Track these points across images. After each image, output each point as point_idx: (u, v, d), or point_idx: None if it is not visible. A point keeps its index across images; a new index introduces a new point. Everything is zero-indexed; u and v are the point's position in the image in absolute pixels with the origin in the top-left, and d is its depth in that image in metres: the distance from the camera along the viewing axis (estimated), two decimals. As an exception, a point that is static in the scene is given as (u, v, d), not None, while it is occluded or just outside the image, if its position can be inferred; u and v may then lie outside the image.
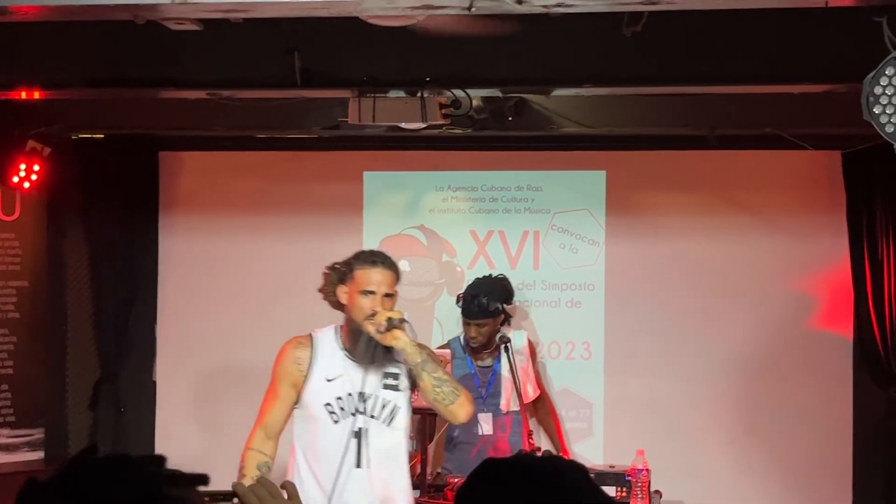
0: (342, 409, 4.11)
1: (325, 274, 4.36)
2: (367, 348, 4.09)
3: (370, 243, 6.77)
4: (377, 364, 4.11)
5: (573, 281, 6.68)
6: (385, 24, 4.23)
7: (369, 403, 4.11)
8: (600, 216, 6.65)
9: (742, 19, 4.54)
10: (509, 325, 6.04)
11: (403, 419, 4.17)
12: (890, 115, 3.12)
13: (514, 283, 6.33)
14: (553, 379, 6.59)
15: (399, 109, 4.91)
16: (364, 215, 6.80)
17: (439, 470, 5.77)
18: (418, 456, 5.36)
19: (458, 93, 5.01)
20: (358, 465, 4.08)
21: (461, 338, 6.06)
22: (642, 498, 5.06)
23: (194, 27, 4.06)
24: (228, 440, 6.64)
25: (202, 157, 6.91)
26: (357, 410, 4.10)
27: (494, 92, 5.33)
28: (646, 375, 6.56)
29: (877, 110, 3.15)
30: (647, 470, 5.10)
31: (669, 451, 6.26)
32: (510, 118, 5.76)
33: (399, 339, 4.01)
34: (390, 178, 6.83)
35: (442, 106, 5.08)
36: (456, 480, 5.31)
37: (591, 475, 1.75)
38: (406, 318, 4.05)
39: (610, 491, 5.09)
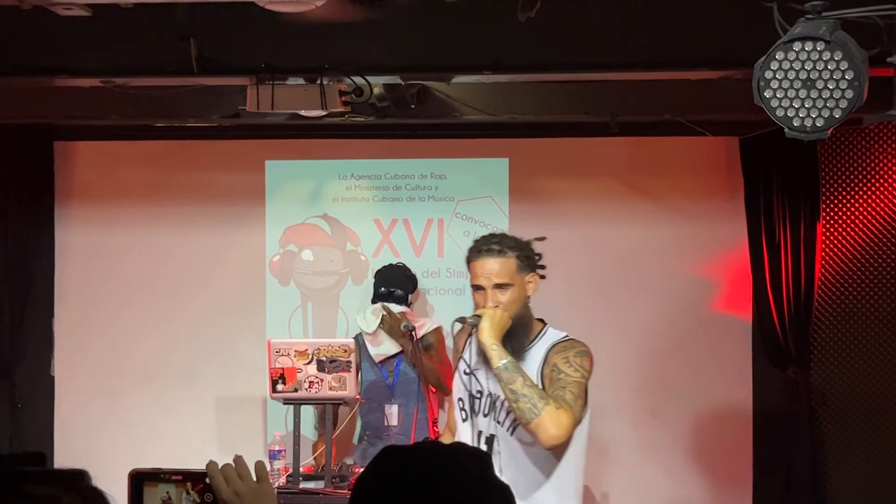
0: (471, 406, 3.78)
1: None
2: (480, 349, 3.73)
3: (273, 233, 6.72)
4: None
5: (478, 268, 6.68)
6: (283, 10, 4.18)
7: (497, 406, 3.74)
8: (504, 203, 6.66)
9: (638, 5, 4.58)
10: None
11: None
12: (780, 100, 3.16)
13: (418, 271, 6.34)
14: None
15: (298, 97, 4.85)
16: (266, 204, 6.73)
17: (349, 461, 5.74)
18: (322, 447, 5.33)
19: (359, 80, 4.98)
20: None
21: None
22: (547, 483, 5.08)
23: (83, 13, 3.95)
24: (129, 434, 6.58)
25: (98, 147, 6.77)
26: (484, 412, 3.76)
27: (395, 79, 5.30)
28: (550, 361, 6.59)
29: (767, 94, 3.19)
30: (550, 455, 5.11)
31: (574, 436, 6.30)
32: (412, 106, 5.74)
33: (479, 341, 3.64)
34: (293, 166, 6.77)
35: (343, 93, 5.04)
36: (360, 471, 5.29)
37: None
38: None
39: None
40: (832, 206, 6.43)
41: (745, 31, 4.19)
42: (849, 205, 6.44)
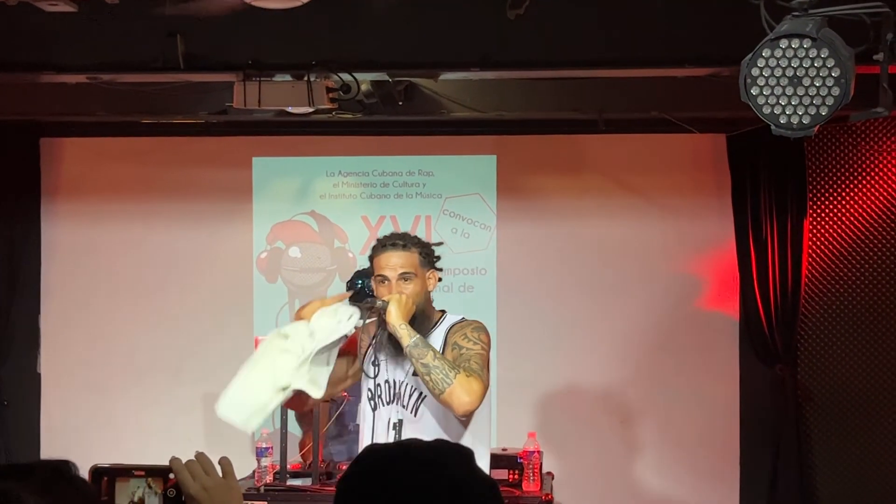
0: (380, 395, 3.94)
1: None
2: (389, 337, 3.88)
3: (261, 230, 6.71)
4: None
5: (465, 265, 6.69)
6: (269, 7, 4.17)
7: (402, 392, 3.90)
8: (491, 200, 6.66)
9: (626, 3, 4.58)
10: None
11: (434, 407, 3.84)
12: (767, 97, 3.16)
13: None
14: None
15: (285, 93, 4.84)
16: (254, 201, 6.72)
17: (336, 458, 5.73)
18: (309, 444, 5.32)
19: (346, 77, 4.97)
20: None
21: None
22: (534, 480, 5.09)
23: (69, 8, 3.94)
24: (115, 431, 6.56)
25: (85, 144, 6.75)
26: (390, 399, 3.92)
27: (383, 76, 5.30)
28: (537, 357, 6.60)
29: (754, 91, 3.19)
30: (538, 452, 5.13)
31: (561, 433, 6.33)
32: (400, 102, 5.74)
33: (388, 323, 3.81)
34: (280, 163, 6.76)
35: (330, 90, 5.03)
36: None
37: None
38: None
39: (502, 474, 5.11)
40: (819, 203, 6.45)
41: (732, 29, 4.19)
42: (835, 202, 6.45)
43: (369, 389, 3.97)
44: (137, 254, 6.72)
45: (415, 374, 3.80)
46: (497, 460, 5.21)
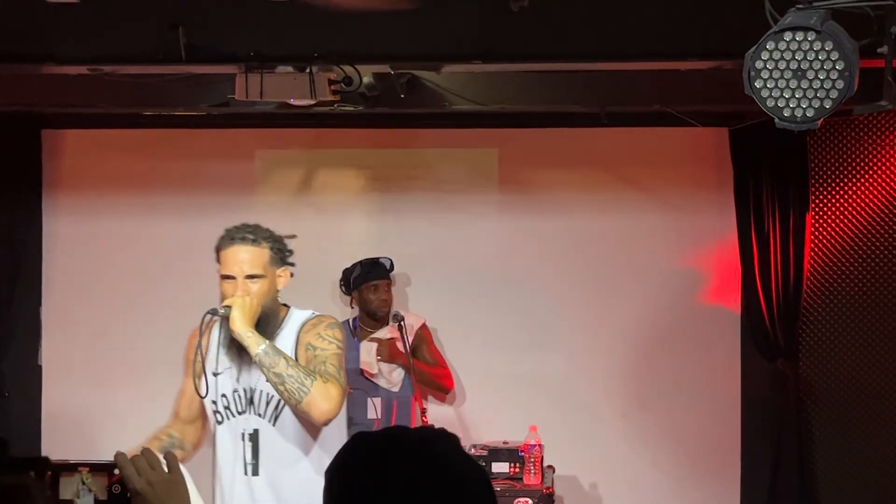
0: (227, 407, 3.72)
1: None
2: (233, 342, 3.66)
3: (263, 222, 6.68)
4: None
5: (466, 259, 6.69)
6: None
7: (255, 399, 3.68)
8: (493, 194, 6.66)
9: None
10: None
11: (289, 416, 3.65)
12: (771, 90, 3.16)
13: (406, 262, 6.36)
14: (449, 355, 6.60)
15: (287, 85, 4.83)
16: (256, 194, 6.71)
17: None
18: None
19: (349, 69, 4.96)
20: (245, 472, 3.65)
21: (350, 321, 6.04)
22: (535, 473, 5.10)
23: (71, -1, 3.93)
24: (117, 423, 6.54)
25: (87, 135, 6.73)
26: (242, 409, 3.70)
27: (385, 68, 5.28)
28: (539, 351, 6.60)
29: (758, 84, 3.18)
30: (539, 445, 5.14)
31: (562, 427, 6.32)
32: (402, 95, 5.73)
33: (231, 330, 3.55)
34: (282, 156, 6.75)
35: (332, 82, 5.02)
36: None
37: (485, 451, 1.75)
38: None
39: (503, 467, 5.12)
40: (821, 197, 6.44)
41: (735, 22, 4.19)
42: (838, 196, 6.44)
43: (213, 401, 3.71)
44: (139, 246, 6.71)
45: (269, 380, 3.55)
46: (498, 454, 5.22)
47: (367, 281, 5.94)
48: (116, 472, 1.89)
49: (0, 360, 6.66)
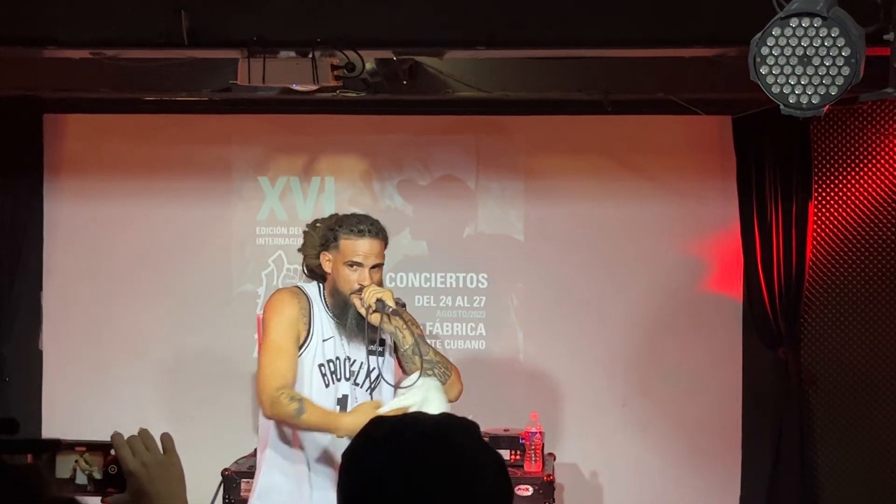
0: (333, 372, 3.97)
1: (305, 233, 4.09)
2: (355, 322, 3.90)
3: (266, 208, 6.69)
4: (362, 332, 3.92)
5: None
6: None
7: (355, 369, 3.97)
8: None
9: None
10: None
11: (387, 387, 3.99)
12: (776, 76, 3.15)
13: (411, 249, 6.33)
14: (450, 342, 6.60)
15: (290, 70, 4.81)
16: (258, 179, 6.71)
17: None
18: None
19: (351, 55, 4.94)
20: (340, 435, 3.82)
21: None
22: (536, 461, 5.10)
23: (73, -18, 3.91)
24: (118, 410, 6.55)
25: (88, 120, 6.72)
26: (345, 377, 3.96)
27: (388, 54, 5.27)
28: (540, 339, 6.60)
29: (763, 71, 3.17)
30: (540, 433, 5.14)
31: (563, 414, 6.32)
32: (405, 82, 5.71)
33: (390, 324, 3.87)
34: (284, 142, 6.74)
35: (335, 68, 5.00)
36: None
37: (485, 438, 1.74)
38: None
39: (503, 454, 5.11)
40: (824, 186, 6.43)
41: (740, 9, 4.17)
42: (841, 185, 6.43)
43: (321, 365, 3.96)
44: (140, 231, 6.70)
45: (370, 353, 3.93)
46: (498, 441, 5.22)
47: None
48: (113, 452, 1.88)
49: (0, 344, 6.65)
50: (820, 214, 6.41)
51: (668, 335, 6.51)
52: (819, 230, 6.42)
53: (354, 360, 3.97)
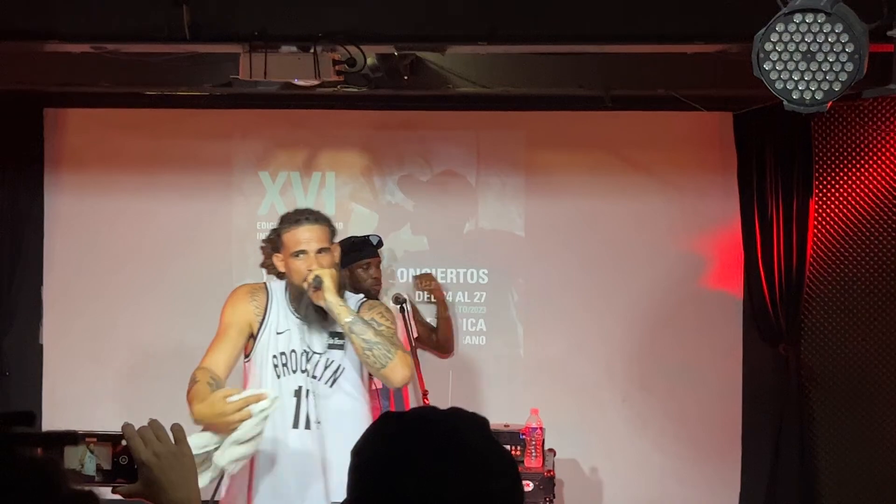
0: (285, 364, 3.99)
1: (262, 248, 4.17)
2: (308, 309, 3.96)
3: (267, 203, 6.69)
4: (322, 324, 3.97)
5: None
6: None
7: (313, 363, 3.99)
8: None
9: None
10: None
11: (349, 380, 4.01)
12: (780, 72, 3.14)
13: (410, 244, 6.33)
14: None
15: (291, 65, 4.80)
16: (258, 174, 6.70)
17: None
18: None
19: (353, 50, 4.93)
20: (296, 426, 3.93)
21: None
22: (536, 456, 5.10)
23: (75, -24, 3.90)
24: (117, 404, 6.55)
25: (89, 114, 6.72)
26: (301, 369, 3.98)
27: (389, 49, 5.26)
28: (540, 334, 6.60)
29: (767, 66, 3.16)
30: (541, 428, 5.13)
31: (564, 410, 6.32)
32: (406, 77, 5.70)
33: (324, 299, 3.86)
34: (285, 136, 6.73)
35: (336, 63, 4.99)
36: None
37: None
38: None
39: (504, 449, 5.11)
40: (825, 183, 6.43)
41: (742, 4, 4.16)
42: (841, 182, 6.43)
43: (274, 357, 4.01)
44: (141, 225, 6.70)
45: (331, 346, 3.96)
46: (499, 437, 5.21)
47: (361, 259, 5.89)
48: (123, 442, 1.88)
49: (1, 338, 6.66)
50: (821, 211, 6.41)
51: (669, 331, 6.52)
52: (820, 226, 6.42)
53: (314, 354, 3.99)
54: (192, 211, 6.67)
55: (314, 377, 3.98)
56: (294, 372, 3.98)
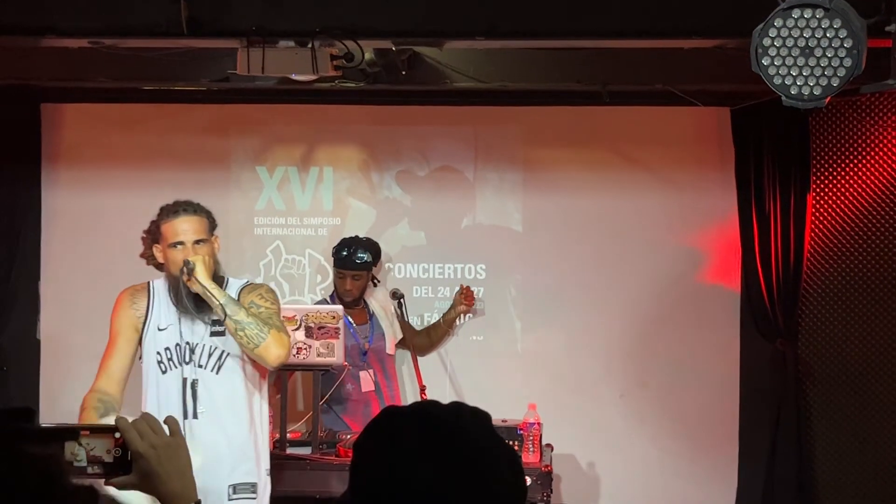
0: (170, 358, 4.11)
1: (142, 238, 4.32)
2: (188, 299, 4.08)
3: (264, 198, 6.68)
4: (202, 313, 4.08)
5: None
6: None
7: (197, 353, 4.09)
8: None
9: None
10: (375, 286, 6.06)
11: (235, 365, 4.13)
12: (778, 67, 3.14)
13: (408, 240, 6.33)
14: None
15: (289, 60, 4.79)
16: (256, 170, 6.70)
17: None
18: (309, 413, 5.32)
19: (351, 44, 4.92)
20: (185, 416, 4.07)
21: (329, 298, 6.03)
22: (534, 452, 5.10)
23: (72, -29, 3.89)
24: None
25: (86, 110, 6.70)
26: (185, 361, 4.10)
27: (387, 44, 5.26)
28: (538, 329, 6.60)
29: (765, 62, 3.17)
30: (538, 424, 5.14)
31: (561, 405, 6.32)
32: (403, 72, 5.70)
33: (194, 283, 3.97)
34: (282, 132, 6.72)
35: (334, 58, 4.99)
36: (348, 437, 5.29)
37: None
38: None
39: (502, 445, 5.11)
40: (822, 178, 6.43)
41: (739, 0, 4.16)
42: (839, 177, 6.43)
43: (158, 353, 4.14)
44: (138, 221, 6.58)
45: (213, 334, 4.09)
46: (497, 431, 5.21)
47: (337, 267, 5.95)
48: (117, 435, 1.88)
49: (-2, 334, 6.65)
50: (818, 206, 6.42)
51: (666, 326, 6.52)
52: (817, 222, 6.42)
53: (196, 344, 4.11)
54: (190, 206, 6.65)
55: (200, 366, 4.09)
56: (179, 365, 4.11)
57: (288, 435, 5.21)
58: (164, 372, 4.14)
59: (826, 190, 6.43)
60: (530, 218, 6.62)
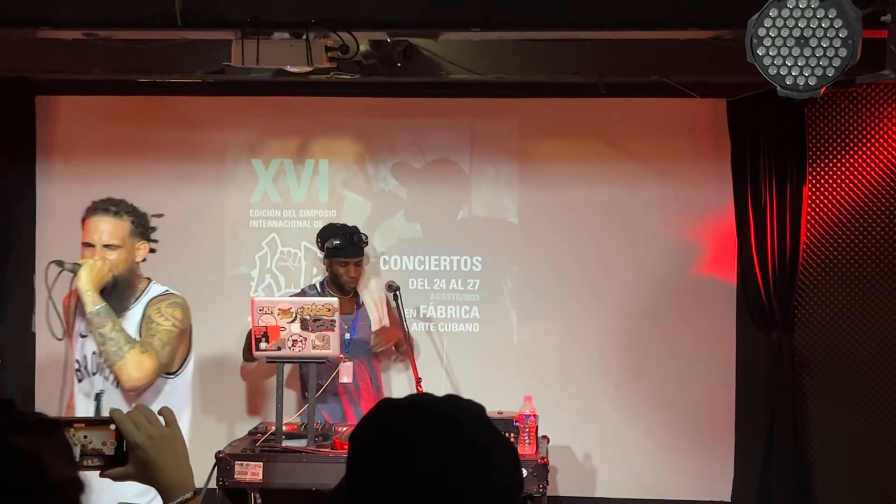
0: (86, 367, 3.98)
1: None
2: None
3: (260, 190, 6.67)
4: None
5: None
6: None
7: (100, 361, 3.92)
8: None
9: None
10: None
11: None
12: (773, 58, 3.14)
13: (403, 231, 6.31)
14: (444, 325, 6.60)
15: (284, 52, 4.78)
16: (251, 162, 6.69)
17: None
18: (304, 406, 5.31)
19: (346, 36, 4.91)
20: None
21: (318, 284, 6.00)
22: (530, 444, 5.09)
23: (66, -38, 3.88)
24: (112, 392, 6.54)
25: (81, 102, 6.70)
26: (92, 371, 3.96)
27: (382, 36, 5.24)
28: (534, 322, 6.60)
29: (760, 52, 3.16)
30: (534, 416, 5.13)
31: (557, 397, 6.33)
32: (399, 64, 5.69)
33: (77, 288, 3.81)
34: (277, 124, 6.71)
35: (329, 49, 4.97)
36: (344, 429, 5.28)
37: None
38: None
39: (498, 436, 5.11)
40: (818, 169, 6.43)
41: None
42: (835, 168, 6.43)
43: (77, 361, 4.01)
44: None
45: None
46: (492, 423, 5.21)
47: (339, 256, 5.89)
48: (112, 427, 1.88)
49: (-7, 327, 6.65)
50: (814, 197, 6.42)
51: (662, 318, 6.52)
52: (813, 213, 6.42)
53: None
54: (185, 198, 6.65)
55: (105, 378, 3.93)
56: (92, 374, 3.95)
57: (283, 427, 5.20)
58: (79, 381, 4.01)
59: (822, 181, 6.42)
60: (526, 210, 6.62)
